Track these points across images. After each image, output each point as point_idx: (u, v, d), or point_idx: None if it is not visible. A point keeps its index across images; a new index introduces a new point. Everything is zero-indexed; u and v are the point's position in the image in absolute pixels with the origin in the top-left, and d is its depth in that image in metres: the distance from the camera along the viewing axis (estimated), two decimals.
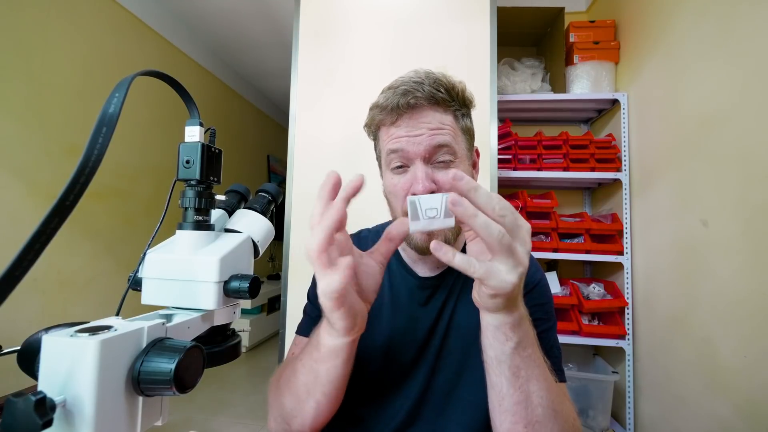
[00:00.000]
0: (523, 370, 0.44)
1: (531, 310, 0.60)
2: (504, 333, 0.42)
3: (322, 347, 0.45)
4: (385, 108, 0.56)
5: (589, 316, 1.70)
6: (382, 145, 0.59)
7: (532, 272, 0.63)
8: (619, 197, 1.69)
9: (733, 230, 1.11)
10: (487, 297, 0.40)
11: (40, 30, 1.74)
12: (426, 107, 0.55)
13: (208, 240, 0.42)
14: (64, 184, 0.26)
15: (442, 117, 0.56)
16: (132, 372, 0.29)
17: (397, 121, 0.55)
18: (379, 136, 0.60)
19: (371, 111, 0.59)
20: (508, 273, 0.37)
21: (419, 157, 0.54)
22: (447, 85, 0.56)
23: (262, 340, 3.35)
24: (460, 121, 0.58)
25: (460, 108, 0.58)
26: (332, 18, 1.42)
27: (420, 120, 0.54)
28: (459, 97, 0.58)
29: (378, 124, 0.59)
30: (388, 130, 0.57)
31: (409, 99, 0.53)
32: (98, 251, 2.04)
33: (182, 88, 0.40)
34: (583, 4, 2.08)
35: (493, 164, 1.31)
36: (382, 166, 0.61)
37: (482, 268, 0.37)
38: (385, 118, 0.56)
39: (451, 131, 0.56)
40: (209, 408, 2.18)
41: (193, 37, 2.80)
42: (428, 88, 0.54)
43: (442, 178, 0.53)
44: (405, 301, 0.63)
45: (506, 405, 0.44)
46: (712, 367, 1.17)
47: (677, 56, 1.38)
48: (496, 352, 0.43)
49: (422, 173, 0.53)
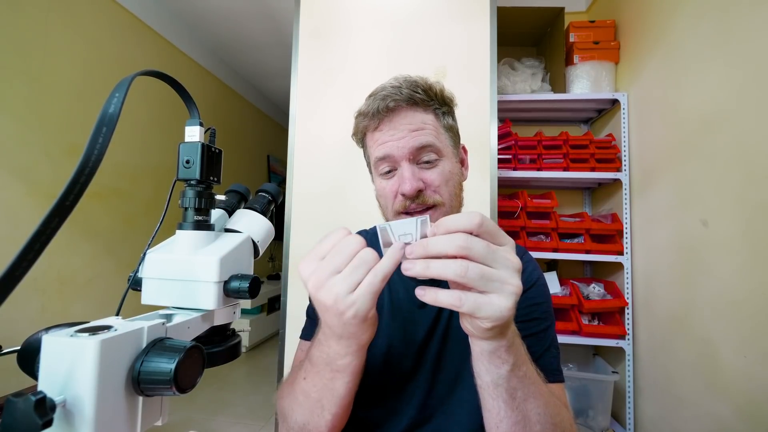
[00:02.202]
0: (519, 391, 0.42)
1: (529, 309, 0.60)
2: (499, 357, 0.40)
3: (335, 363, 0.44)
4: (367, 114, 0.58)
5: (589, 316, 1.70)
6: (369, 151, 0.61)
7: (530, 270, 0.63)
8: (619, 197, 1.69)
9: (733, 230, 1.11)
10: (483, 330, 0.37)
11: (40, 30, 1.73)
12: (405, 108, 0.56)
13: (208, 240, 0.42)
14: (64, 185, 0.26)
15: (422, 116, 0.57)
16: (132, 372, 0.29)
17: (380, 125, 0.57)
18: (366, 142, 0.62)
19: (356, 119, 0.61)
20: (500, 299, 0.35)
21: (404, 159, 0.55)
22: (424, 86, 0.57)
23: (262, 340, 3.35)
24: (442, 120, 0.59)
25: (440, 107, 0.59)
26: (332, 18, 1.41)
27: (401, 121, 0.56)
28: (438, 96, 0.59)
29: (363, 131, 0.61)
30: (372, 135, 0.59)
31: (388, 102, 0.55)
32: (98, 251, 2.04)
33: (182, 88, 0.40)
34: (583, 4, 2.08)
35: (493, 164, 1.31)
36: (372, 172, 0.63)
37: (470, 300, 0.35)
38: (369, 123, 0.58)
39: (433, 130, 0.57)
40: (209, 408, 2.18)
41: (193, 37, 2.80)
42: (406, 91, 0.56)
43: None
44: (404, 305, 0.63)
45: (504, 427, 0.43)
46: (712, 367, 1.17)
47: (677, 56, 1.38)
48: (492, 376, 0.41)
49: (409, 173, 0.54)
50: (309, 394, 0.48)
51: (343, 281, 0.36)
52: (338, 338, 0.41)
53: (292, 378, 0.55)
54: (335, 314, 0.37)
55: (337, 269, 0.37)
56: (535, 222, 1.68)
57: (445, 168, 0.57)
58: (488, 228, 0.36)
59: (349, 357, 0.42)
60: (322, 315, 0.40)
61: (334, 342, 0.42)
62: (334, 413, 0.47)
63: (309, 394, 0.47)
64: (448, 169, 0.57)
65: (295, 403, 0.50)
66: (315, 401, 0.47)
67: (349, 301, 0.36)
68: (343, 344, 0.41)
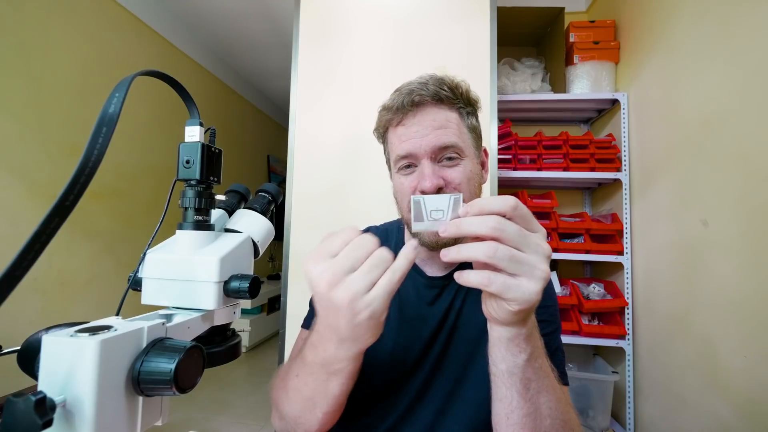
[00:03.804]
0: (534, 382, 0.42)
1: (537, 312, 0.60)
2: (517, 345, 0.41)
3: (331, 367, 0.42)
4: (391, 108, 0.57)
5: (589, 316, 1.70)
6: (390, 147, 0.60)
7: None
8: (619, 197, 1.69)
9: (733, 230, 1.11)
10: (509, 313, 0.37)
11: (40, 30, 1.73)
12: (430, 104, 0.56)
13: (208, 240, 0.42)
14: (64, 185, 0.26)
15: (447, 114, 0.56)
16: (132, 372, 0.29)
17: (403, 120, 0.57)
18: (387, 138, 0.62)
19: (380, 113, 0.61)
20: (529, 282, 0.35)
21: (426, 157, 0.55)
22: (451, 85, 0.57)
23: (262, 340, 3.35)
24: (466, 120, 0.59)
25: (464, 106, 0.59)
26: (332, 18, 1.41)
27: (425, 118, 0.56)
28: (463, 96, 0.58)
29: (386, 125, 0.61)
30: (395, 130, 0.59)
31: (413, 97, 0.55)
32: (98, 251, 2.04)
33: (182, 88, 0.40)
34: (583, 4, 2.08)
35: (493, 164, 1.31)
36: (392, 168, 0.62)
37: (498, 281, 0.35)
38: (392, 118, 0.58)
39: (456, 129, 0.56)
40: (209, 408, 2.18)
41: (193, 37, 2.80)
42: (432, 87, 0.55)
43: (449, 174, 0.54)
44: (413, 300, 0.63)
45: (515, 418, 0.43)
46: (712, 367, 1.17)
47: (677, 56, 1.37)
48: (508, 365, 0.41)
49: (429, 170, 0.54)
50: (301, 391, 0.47)
51: (361, 279, 0.35)
52: (340, 341, 0.39)
53: (285, 371, 0.54)
54: (349, 314, 0.35)
55: (353, 267, 0.35)
56: None
57: (466, 167, 0.56)
58: (522, 213, 0.36)
59: (347, 361, 0.41)
60: (330, 316, 0.37)
61: (333, 346, 0.40)
62: (326, 411, 0.46)
63: (301, 392, 0.47)
64: (469, 168, 0.57)
65: (286, 398, 0.50)
66: (307, 399, 0.46)
67: (366, 300, 0.34)
68: (344, 348, 0.39)
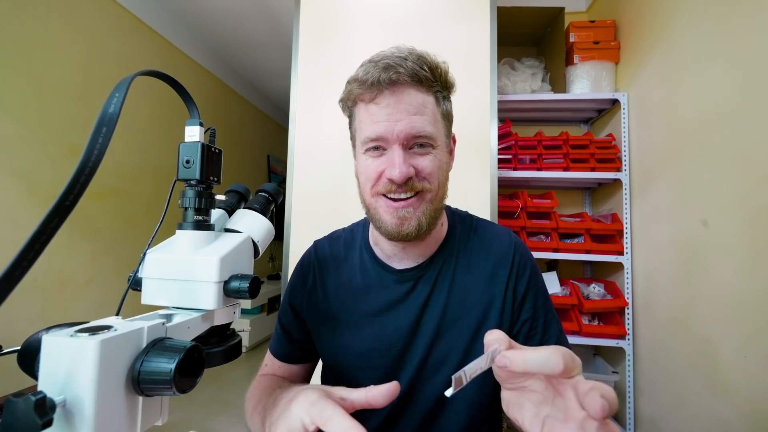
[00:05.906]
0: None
1: (529, 293, 0.61)
2: None
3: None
4: (364, 82, 0.52)
5: (589, 316, 1.70)
6: (358, 125, 0.56)
7: (523, 250, 0.64)
8: (619, 197, 1.69)
9: (733, 230, 1.11)
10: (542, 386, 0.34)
11: (40, 30, 1.73)
12: (408, 84, 0.52)
13: (208, 240, 0.42)
14: (64, 184, 0.26)
15: (423, 98, 0.53)
16: (132, 372, 0.29)
17: (377, 97, 0.52)
18: (356, 112, 0.57)
19: (349, 85, 0.55)
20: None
21: (398, 143, 0.52)
22: (431, 64, 0.53)
23: (262, 340, 3.35)
24: (441, 105, 0.56)
25: (441, 90, 0.56)
26: (332, 18, 1.42)
27: (401, 99, 0.52)
28: (442, 78, 0.55)
29: (355, 99, 0.55)
30: (367, 107, 0.54)
31: (390, 74, 0.50)
32: (98, 251, 2.04)
33: (182, 88, 0.40)
34: (583, 4, 2.08)
35: (493, 164, 1.31)
36: (357, 146, 0.58)
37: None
38: (364, 93, 0.53)
39: (431, 117, 0.53)
40: (209, 408, 2.18)
41: (193, 37, 2.80)
42: (411, 65, 0.51)
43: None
44: (381, 300, 0.61)
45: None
46: (712, 367, 1.17)
47: (677, 56, 1.37)
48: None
49: (400, 158, 0.51)
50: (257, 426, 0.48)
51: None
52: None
53: (254, 395, 0.56)
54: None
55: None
56: (535, 222, 1.68)
57: (437, 156, 0.54)
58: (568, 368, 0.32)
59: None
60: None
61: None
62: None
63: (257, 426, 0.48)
64: (439, 158, 0.55)
65: (253, 423, 0.50)
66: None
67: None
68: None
